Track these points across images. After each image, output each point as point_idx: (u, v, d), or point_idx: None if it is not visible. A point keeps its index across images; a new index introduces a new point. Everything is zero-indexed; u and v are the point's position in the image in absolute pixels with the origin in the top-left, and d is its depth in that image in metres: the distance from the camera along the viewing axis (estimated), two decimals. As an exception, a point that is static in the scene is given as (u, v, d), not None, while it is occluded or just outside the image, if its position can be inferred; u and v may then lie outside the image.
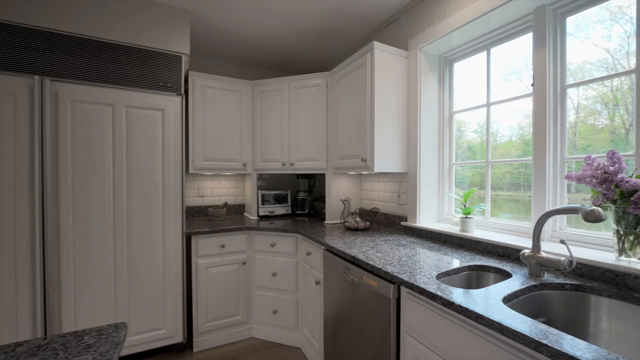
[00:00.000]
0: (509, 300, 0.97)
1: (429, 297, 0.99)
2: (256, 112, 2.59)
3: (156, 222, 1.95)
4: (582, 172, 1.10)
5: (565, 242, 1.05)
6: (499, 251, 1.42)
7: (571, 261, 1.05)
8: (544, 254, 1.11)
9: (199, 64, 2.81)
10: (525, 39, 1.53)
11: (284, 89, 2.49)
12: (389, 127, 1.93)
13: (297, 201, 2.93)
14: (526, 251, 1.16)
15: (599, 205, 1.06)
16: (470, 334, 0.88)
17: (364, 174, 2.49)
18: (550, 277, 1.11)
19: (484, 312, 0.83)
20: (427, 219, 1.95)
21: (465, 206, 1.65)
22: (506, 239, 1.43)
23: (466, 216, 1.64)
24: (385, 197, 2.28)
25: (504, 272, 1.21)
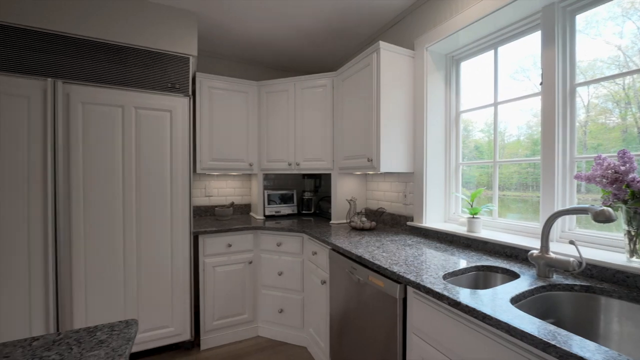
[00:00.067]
0: (516, 301, 0.96)
1: (436, 297, 0.99)
2: (262, 113, 2.61)
3: (164, 221, 1.98)
4: (592, 172, 1.09)
5: (574, 243, 1.04)
6: (507, 252, 1.40)
7: (581, 262, 1.04)
8: (553, 255, 1.10)
9: (205, 65, 2.84)
10: (533, 37, 1.51)
11: (289, 89, 2.51)
12: (395, 127, 1.92)
13: (303, 201, 2.94)
14: (534, 252, 1.15)
15: (610, 205, 1.05)
16: (477, 334, 0.88)
17: (369, 174, 2.48)
18: (559, 278, 1.09)
19: (492, 313, 0.82)
20: (433, 219, 1.94)
21: (472, 206, 1.64)
22: (514, 239, 1.42)
23: (473, 216, 1.62)
24: (391, 197, 2.28)
25: (512, 273, 1.20)
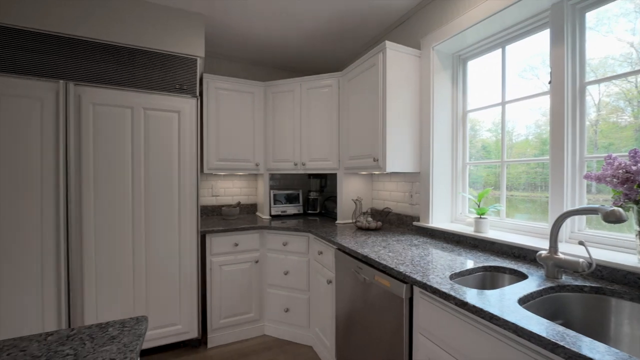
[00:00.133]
0: (524, 301, 0.95)
1: (442, 297, 0.98)
2: (268, 113, 2.63)
3: (172, 221, 2.01)
4: (603, 172, 1.07)
5: (584, 244, 1.03)
6: (515, 252, 1.39)
7: (590, 263, 1.03)
8: (562, 256, 1.09)
9: (212, 66, 2.87)
10: (542, 36, 1.50)
11: (295, 89, 2.52)
12: (401, 127, 1.92)
13: (309, 201, 2.95)
14: (543, 252, 1.13)
15: (620, 205, 1.03)
16: (484, 335, 0.87)
17: (375, 173, 2.48)
18: (568, 279, 1.08)
19: (499, 313, 0.82)
20: (440, 220, 1.93)
21: (479, 206, 1.62)
22: (522, 239, 1.40)
23: (480, 216, 1.61)
24: (397, 197, 2.27)
25: (520, 274, 1.19)
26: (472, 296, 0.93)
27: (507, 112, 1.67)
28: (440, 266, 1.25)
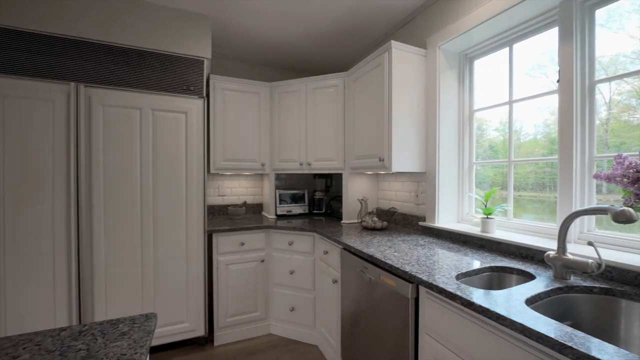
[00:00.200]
0: (532, 302, 0.95)
1: (449, 297, 0.98)
2: (274, 113, 2.64)
3: (180, 220, 2.04)
4: (612, 172, 1.05)
5: (593, 244, 1.02)
6: (522, 252, 1.38)
7: (600, 264, 1.01)
8: (570, 256, 1.07)
9: (218, 67, 2.89)
10: (551, 34, 1.48)
11: (301, 89, 2.53)
12: (407, 127, 1.91)
13: (314, 201, 2.96)
14: (551, 253, 1.12)
15: (631, 205, 1.01)
16: (490, 335, 0.87)
17: (381, 173, 2.48)
18: (576, 280, 1.07)
19: (506, 313, 0.81)
20: (446, 220, 1.92)
21: (486, 206, 1.61)
22: (530, 240, 1.39)
23: (487, 217, 1.60)
24: (403, 197, 2.26)
25: (527, 274, 1.17)
26: (478, 296, 0.93)
27: (515, 111, 1.65)
28: (446, 266, 1.25)
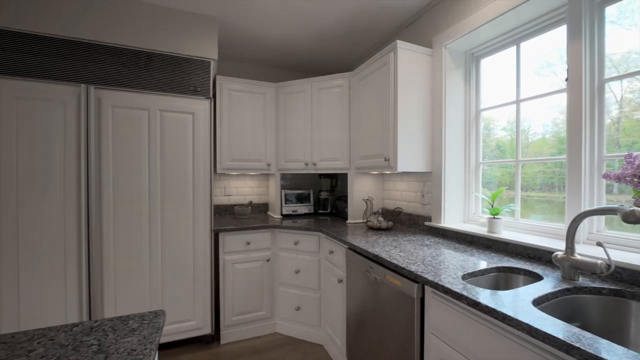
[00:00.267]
0: (539, 303, 0.94)
1: (455, 297, 0.98)
2: (280, 113, 2.66)
3: (187, 219, 2.07)
4: (622, 171, 1.04)
5: (602, 245, 1.00)
6: (529, 253, 1.36)
7: (609, 264, 1.00)
8: (579, 257, 1.06)
9: (224, 67, 2.92)
10: (559, 32, 1.46)
11: (306, 90, 2.54)
12: (412, 126, 1.91)
13: (320, 200, 2.97)
14: (559, 253, 1.11)
15: (642, 206, 1.00)
16: (497, 336, 0.86)
17: (386, 173, 2.47)
18: (585, 281, 1.05)
19: (512, 314, 0.81)
20: (452, 220, 1.91)
21: (492, 206, 1.60)
22: (537, 240, 1.37)
23: (494, 217, 1.59)
24: (408, 197, 2.26)
25: (535, 275, 1.16)
26: (485, 296, 0.92)
27: (523, 111, 1.63)
28: (452, 266, 1.24)
